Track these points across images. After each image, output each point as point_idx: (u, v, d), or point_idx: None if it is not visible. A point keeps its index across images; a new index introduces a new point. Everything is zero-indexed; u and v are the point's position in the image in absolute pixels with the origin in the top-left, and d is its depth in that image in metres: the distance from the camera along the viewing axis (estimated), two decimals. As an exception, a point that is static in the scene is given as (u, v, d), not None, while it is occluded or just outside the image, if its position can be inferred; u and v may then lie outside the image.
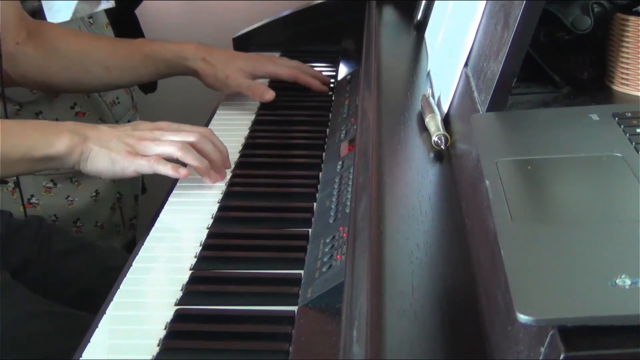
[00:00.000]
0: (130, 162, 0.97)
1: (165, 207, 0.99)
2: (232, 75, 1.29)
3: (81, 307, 1.01)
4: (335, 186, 0.96)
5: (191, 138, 1.00)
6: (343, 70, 1.45)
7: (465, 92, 0.81)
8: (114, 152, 0.97)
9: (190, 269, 0.84)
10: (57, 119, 1.45)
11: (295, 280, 0.80)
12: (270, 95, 1.28)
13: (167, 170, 0.97)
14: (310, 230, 0.90)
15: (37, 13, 1.41)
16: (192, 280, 0.82)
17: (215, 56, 1.30)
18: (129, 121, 1.59)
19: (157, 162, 0.97)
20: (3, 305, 0.95)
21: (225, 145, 1.06)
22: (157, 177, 1.00)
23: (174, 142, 0.99)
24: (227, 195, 1.01)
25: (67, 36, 1.30)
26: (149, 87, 1.93)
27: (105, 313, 0.78)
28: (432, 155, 0.80)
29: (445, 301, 0.57)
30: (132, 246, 1.34)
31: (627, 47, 0.79)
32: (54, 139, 0.97)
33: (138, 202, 1.67)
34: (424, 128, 0.85)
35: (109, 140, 0.98)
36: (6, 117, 1.29)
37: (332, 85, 1.41)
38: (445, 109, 0.86)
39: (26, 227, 1.17)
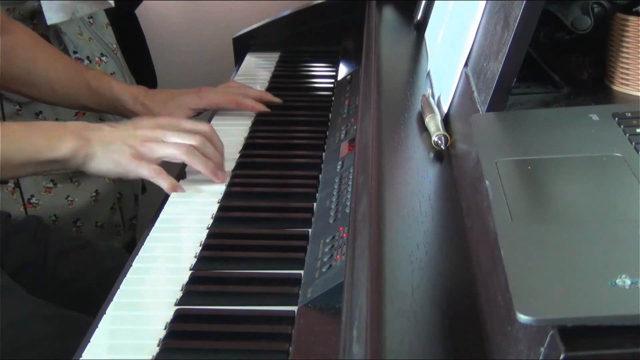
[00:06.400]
0: (134, 166, 0.98)
1: (165, 207, 0.99)
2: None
3: (81, 308, 1.00)
4: (335, 186, 0.96)
5: (194, 141, 1.01)
6: (343, 70, 1.45)
7: (465, 92, 0.81)
8: (118, 154, 0.98)
9: (190, 269, 0.84)
10: (57, 119, 1.45)
11: (295, 280, 0.80)
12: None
13: (165, 184, 0.99)
14: (310, 230, 0.90)
15: (37, 13, 1.41)
16: (192, 280, 0.82)
17: (155, 99, 1.27)
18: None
19: (159, 174, 0.99)
20: (2, 307, 0.94)
21: (223, 143, 1.08)
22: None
23: (177, 144, 1.00)
24: (227, 195, 1.01)
25: (28, 47, 1.28)
26: (149, 84, 1.92)
27: (105, 313, 0.78)
28: (432, 155, 0.80)
29: (445, 301, 0.57)
30: (132, 246, 1.34)
31: (627, 47, 0.79)
32: (58, 142, 0.98)
33: (138, 202, 1.67)
34: (424, 128, 0.85)
35: (113, 142, 0.99)
36: (3, 117, 1.29)
37: (332, 85, 1.41)
38: (445, 109, 0.86)
39: (24, 228, 1.16)
